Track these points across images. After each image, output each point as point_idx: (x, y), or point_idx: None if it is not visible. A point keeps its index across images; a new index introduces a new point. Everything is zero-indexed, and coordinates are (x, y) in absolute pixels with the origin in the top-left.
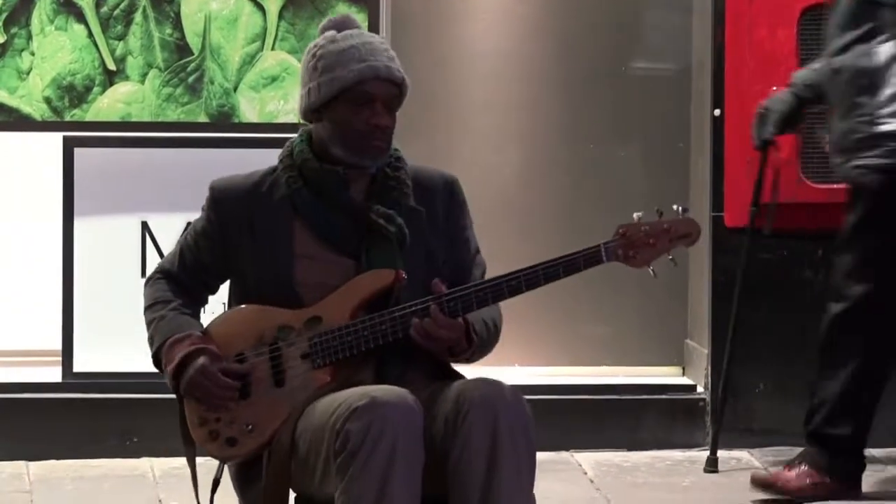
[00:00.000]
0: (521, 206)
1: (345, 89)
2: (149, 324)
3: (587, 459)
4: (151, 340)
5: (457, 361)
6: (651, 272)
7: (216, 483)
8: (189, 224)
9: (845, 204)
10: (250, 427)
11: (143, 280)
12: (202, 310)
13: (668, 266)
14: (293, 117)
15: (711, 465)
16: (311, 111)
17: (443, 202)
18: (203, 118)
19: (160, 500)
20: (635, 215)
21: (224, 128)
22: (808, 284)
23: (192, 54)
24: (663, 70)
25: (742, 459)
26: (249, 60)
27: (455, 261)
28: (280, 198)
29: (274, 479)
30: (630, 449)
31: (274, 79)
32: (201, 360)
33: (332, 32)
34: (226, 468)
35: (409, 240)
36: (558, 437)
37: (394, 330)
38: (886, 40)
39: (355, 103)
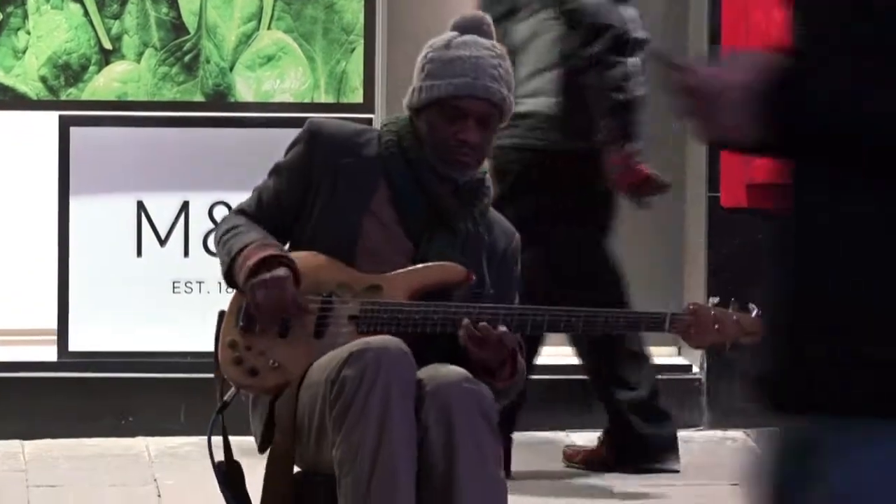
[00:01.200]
0: None
1: (440, 100)
2: (224, 240)
3: (583, 439)
4: (229, 251)
5: (493, 387)
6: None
7: (224, 405)
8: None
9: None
10: (276, 364)
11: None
12: None
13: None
14: (289, 96)
15: None
16: (412, 109)
17: (503, 246)
18: (199, 97)
19: (155, 480)
20: (712, 300)
21: (220, 107)
22: None
23: (188, 33)
24: (658, 49)
25: (738, 439)
26: (245, 40)
27: (496, 300)
28: (373, 155)
29: (277, 450)
30: None
31: (270, 58)
32: (283, 270)
33: (452, 34)
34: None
35: (465, 247)
36: (553, 417)
37: (444, 324)
38: (523, 19)
39: (447, 117)
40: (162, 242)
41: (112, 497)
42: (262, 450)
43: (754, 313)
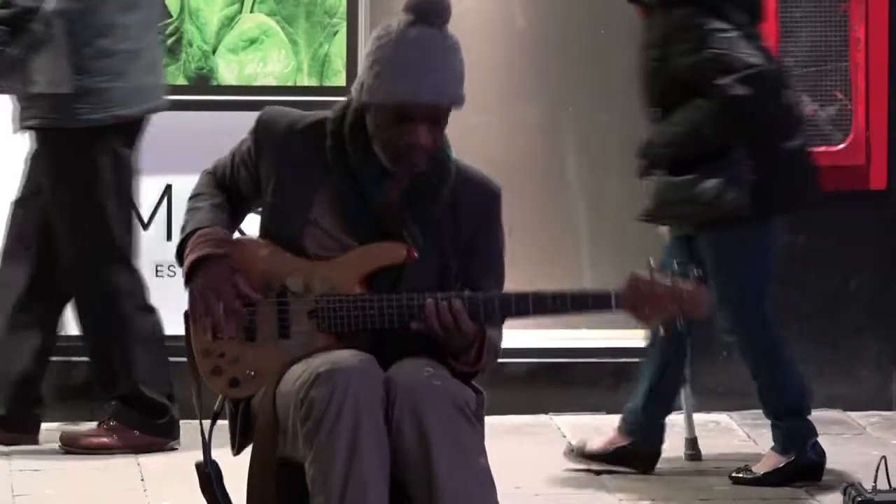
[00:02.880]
0: (503, 167)
1: (387, 104)
2: (187, 208)
3: (566, 423)
4: (183, 227)
5: (459, 371)
6: (660, 330)
7: (216, 416)
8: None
9: None
10: (252, 373)
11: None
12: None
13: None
14: (272, 80)
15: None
16: (360, 103)
17: (476, 215)
18: (181, 81)
19: (139, 463)
20: (650, 261)
21: (203, 90)
22: (788, 246)
23: (171, 16)
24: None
25: (721, 422)
26: (228, 23)
27: (469, 278)
28: (316, 157)
29: (261, 442)
30: (609, 412)
31: (253, 41)
32: (215, 275)
33: (402, 24)
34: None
35: (421, 247)
36: (537, 400)
37: (400, 316)
38: None
39: (396, 118)
40: (145, 226)
41: (95, 481)
42: (238, 452)
43: (695, 277)
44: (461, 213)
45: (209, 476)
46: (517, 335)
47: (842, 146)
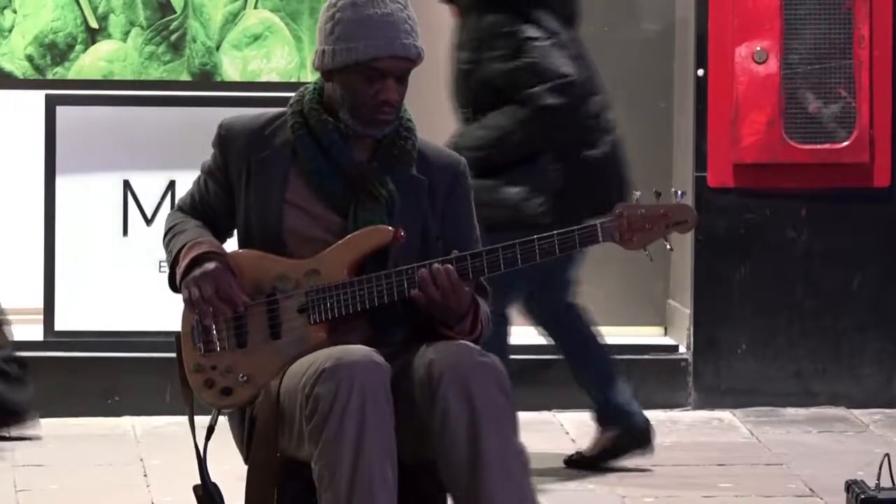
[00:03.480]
0: None
1: (357, 63)
2: (167, 244)
3: (569, 419)
4: (171, 254)
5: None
6: (647, 255)
7: (210, 430)
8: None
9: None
10: (245, 378)
11: (125, 238)
12: None
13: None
14: (276, 76)
15: None
16: (323, 72)
17: (446, 181)
18: (185, 77)
19: (141, 459)
20: (635, 194)
21: (206, 86)
22: (791, 243)
23: (175, 12)
24: (646, 29)
25: (724, 420)
26: (232, 19)
27: (451, 241)
28: (282, 143)
29: (261, 441)
30: None
31: (257, 37)
32: (212, 265)
33: None
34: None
35: (399, 205)
36: (540, 396)
37: (390, 290)
38: None
39: (366, 78)
40: (148, 222)
41: (98, 476)
42: (247, 459)
43: (679, 198)
44: (433, 177)
45: (207, 499)
46: (521, 331)
47: (845, 144)
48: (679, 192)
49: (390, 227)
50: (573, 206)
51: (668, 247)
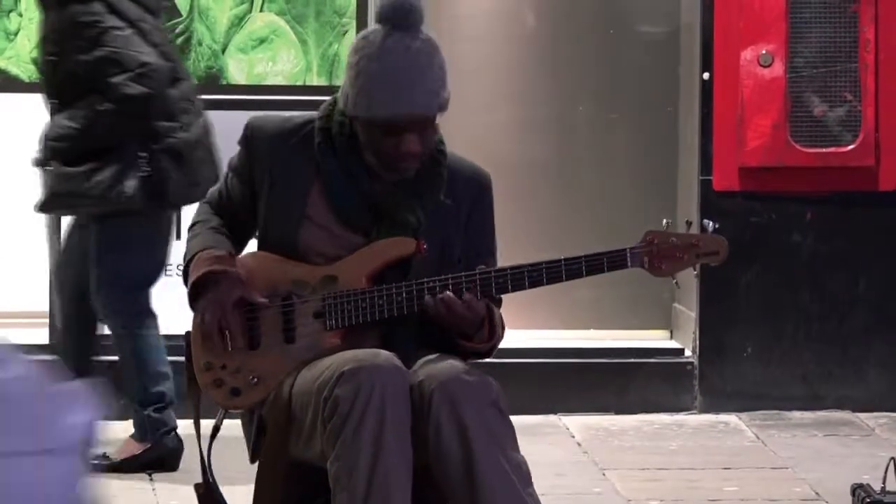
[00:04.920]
0: (511, 167)
1: (374, 119)
2: (188, 238)
3: (575, 423)
4: (186, 255)
5: (474, 351)
6: (674, 283)
7: (216, 430)
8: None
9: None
10: (255, 379)
11: None
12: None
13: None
14: (281, 79)
15: None
16: (346, 114)
17: (470, 197)
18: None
19: None
20: (664, 222)
21: (212, 89)
22: (797, 247)
23: (181, 16)
24: (652, 32)
25: (730, 423)
26: (238, 22)
27: (469, 259)
28: (307, 156)
29: (272, 443)
30: (617, 412)
31: (262, 40)
32: (217, 292)
33: (378, 32)
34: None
35: (423, 228)
36: (546, 400)
37: (409, 302)
38: None
39: (386, 132)
40: None
41: (103, 479)
42: (253, 459)
43: (710, 230)
44: (457, 193)
45: (208, 498)
46: (526, 335)
47: (851, 147)
48: (711, 224)
49: (414, 239)
50: (163, 191)
51: (696, 276)
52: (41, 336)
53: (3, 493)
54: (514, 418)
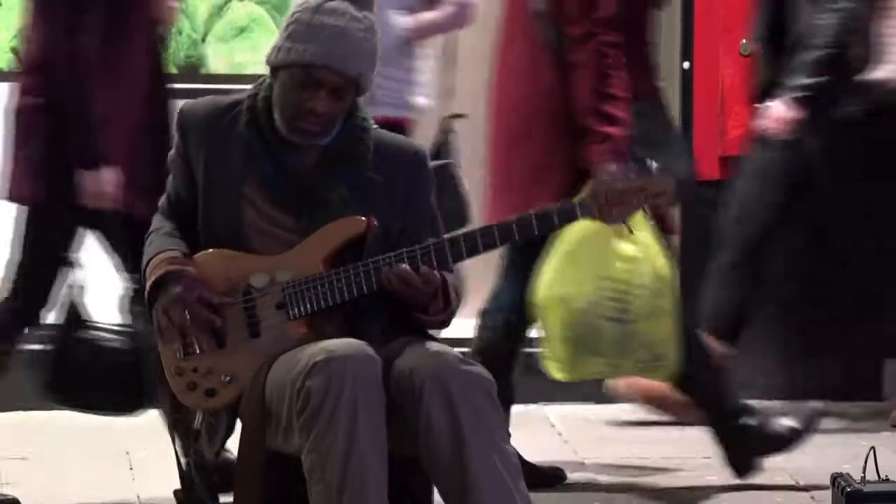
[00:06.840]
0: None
1: (295, 65)
2: (143, 253)
3: (556, 412)
4: (143, 267)
5: (432, 324)
6: (626, 228)
7: (196, 434)
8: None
9: None
10: (228, 378)
11: None
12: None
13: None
14: (262, 68)
15: None
16: (271, 68)
17: (406, 174)
18: (171, 69)
19: (127, 452)
20: (609, 170)
21: (192, 79)
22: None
23: None
24: None
25: None
26: (218, 11)
27: (415, 233)
28: (238, 135)
29: (248, 435)
30: (598, 402)
31: (243, 29)
32: (178, 288)
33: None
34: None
35: (351, 209)
36: (527, 390)
37: (368, 281)
38: None
39: (301, 83)
40: None
41: (84, 470)
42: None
43: (654, 169)
44: (391, 173)
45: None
46: None
47: None
48: (653, 163)
49: (362, 218)
50: None
51: (646, 216)
52: None
53: None
54: None
